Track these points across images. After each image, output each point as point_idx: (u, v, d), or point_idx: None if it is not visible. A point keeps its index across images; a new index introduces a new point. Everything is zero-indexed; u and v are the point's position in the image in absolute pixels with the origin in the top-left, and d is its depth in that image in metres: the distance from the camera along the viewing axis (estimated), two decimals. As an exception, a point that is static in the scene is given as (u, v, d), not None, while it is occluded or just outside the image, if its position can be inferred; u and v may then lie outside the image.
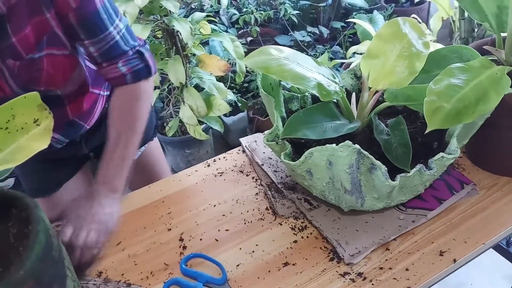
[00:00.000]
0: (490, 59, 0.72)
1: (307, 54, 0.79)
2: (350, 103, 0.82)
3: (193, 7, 2.32)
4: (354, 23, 2.24)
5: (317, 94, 0.72)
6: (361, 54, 1.71)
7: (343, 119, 0.78)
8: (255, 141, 1.03)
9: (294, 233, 0.80)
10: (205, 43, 2.24)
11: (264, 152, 0.99)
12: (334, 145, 0.65)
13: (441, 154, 0.66)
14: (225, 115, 2.25)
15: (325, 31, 2.64)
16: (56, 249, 0.57)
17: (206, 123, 1.92)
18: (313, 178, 0.72)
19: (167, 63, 1.71)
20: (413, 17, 0.90)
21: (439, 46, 0.82)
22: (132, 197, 0.94)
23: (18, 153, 0.51)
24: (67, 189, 1.09)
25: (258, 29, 2.52)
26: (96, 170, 0.85)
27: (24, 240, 0.54)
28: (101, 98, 1.01)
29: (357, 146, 0.64)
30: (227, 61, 1.80)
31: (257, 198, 0.89)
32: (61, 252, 0.59)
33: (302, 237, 0.79)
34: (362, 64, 0.78)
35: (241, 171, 0.96)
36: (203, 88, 1.83)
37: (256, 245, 0.79)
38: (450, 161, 0.67)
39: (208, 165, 1.00)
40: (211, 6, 2.30)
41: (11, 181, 1.73)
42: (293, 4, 2.61)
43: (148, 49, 0.91)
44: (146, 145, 1.17)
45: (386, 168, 0.66)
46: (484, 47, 0.79)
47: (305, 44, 2.60)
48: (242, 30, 2.67)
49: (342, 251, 0.74)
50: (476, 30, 1.07)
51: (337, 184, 0.71)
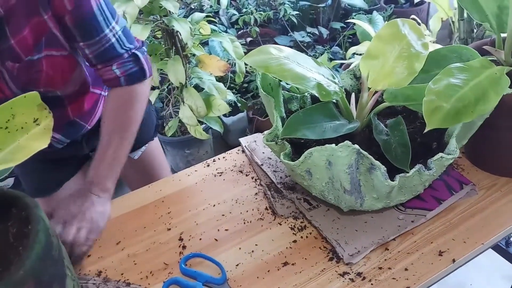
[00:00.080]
0: (490, 60, 0.72)
1: (307, 55, 0.79)
2: (350, 104, 0.83)
3: (193, 8, 2.32)
4: (354, 24, 2.24)
5: (317, 94, 0.72)
6: (361, 55, 1.71)
7: (343, 119, 0.78)
8: (255, 141, 1.03)
9: (294, 233, 0.80)
10: (205, 44, 2.24)
11: (264, 152, 0.99)
12: (334, 145, 0.65)
13: (440, 155, 0.66)
14: (225, 115, 2.25)
15: (325, 32, 2.64)
16: (56, 249, 0.57)
17: (206, 123, 1.92)
18: (313, 178, 0.73)
19: (167, 63, 1.71)
20: (413, 18, 0.90)
21: (439, 47, 0.82)
22: (132, 197, 0.94)
23: (18, 153, 0.51)
24: (67, 189, 1.09)
25: (258, 30, 2.52)
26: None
27: (24, 240, 0.54)
28: (102, 98, 1.01)
29: (357, 146, 0.64)
30: (227, 62, 1.80)
31: (257, 198, 0.89)
32: (61, 252, 0.59)
33: (302, 237, 0.79)
34: (362, 65, 0.78)
35: (241, 171, 0.97)
36: (203, 88, 1.83)
37: (256, 245, 0.79)
38: (449, 162, 0.68)
39: (208, 165, 1.00)
40: (211, 7, 2.30)
41: (11, 181, 1.73)
42: (293, 5, 2.61)
43: (145, 52, 0.91)
44: (147, 145, 1.17)
45: (386, 168, 0.66)
46: (484, 47, 0.79)
47: (305, 45, 2.61)
48: (242, 31, 2.67)
49: (342, 251, 0.75)
50: (475, 31, 1.07)
51: (337, 184, 0.71)
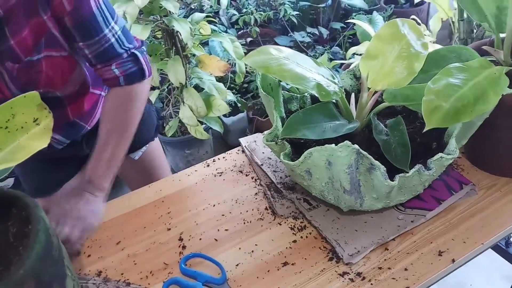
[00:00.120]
0: (489, 60, 0.72)
1: (307, 55, 0.79)
2: (349, 104, 0.83)
3: (193, 8, 2.32)
4: (354, 24, 2.24)
5: (317, 95, 0.72)
6: (361, 55, 1.71)
7: (342, 120, 0.78)
8: (255, 141, 1.03)
9: (293, 233, 0.80)
10: (205, 44, 2.24)
11: (264, 152, 0.99)
12: (333, 145, 0.65)
13: (440, 155, 0.66)
14: (225, 116, 2.25)
15: (325, 32, 2.64)
16: (56, 249, 0.57)
17: (206, 124, 1.92)
18: (312, 178, 0.73)
19: (167, 64, 1.71)
20: (413, 18, 0.90)
21: (439, 47, 0.83)
22: (132, 197, 0.94)
23: (18, 152, 0.51)
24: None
25: (258, 30, 2.52)
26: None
27: (24, 240, 0.54)
28: (102, 99, 1.01)
29: (356, 146, 0.64)
30: (227, 62, 1.81)
31: (257, 198, 0.89)
32: (61, 252, 0.59)
33: (301, 237, 0.79)
34: (361, 65, 0.78)
35: (241, 171, 0.97)
36: (203, 89, 1.83)
37: (256, 245, 0.79)
38: (449, 162, 0.68)
39: (208, 165, 1.00)
40: (211, 7, 2.30)
41: (11, 181, 1.73)
42: (293, 5, 2.61)
43: (144, 52, 0.91)
44: (147, 145, 1.17)
45: (385, 168, 0.66)
46: (483, 48, 0.79)
47: (305, 45, 2.61)
48: (242, 31, 2.67)
49: (341, 251, 0.75)
50: (475, 31, 1.07)
51: (336, 184, 0.71)
